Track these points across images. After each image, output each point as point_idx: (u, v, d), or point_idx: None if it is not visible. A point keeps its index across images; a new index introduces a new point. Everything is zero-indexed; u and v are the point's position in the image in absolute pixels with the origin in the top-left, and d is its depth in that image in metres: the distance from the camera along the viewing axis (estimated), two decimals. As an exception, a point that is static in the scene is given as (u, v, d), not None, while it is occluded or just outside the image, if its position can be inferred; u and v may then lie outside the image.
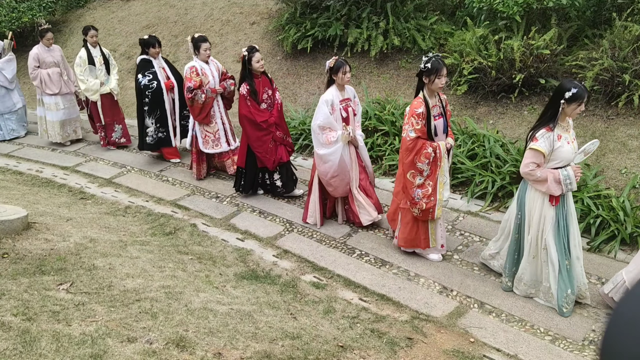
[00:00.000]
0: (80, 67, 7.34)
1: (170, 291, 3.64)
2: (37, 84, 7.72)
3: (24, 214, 4.34)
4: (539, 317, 3.95)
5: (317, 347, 3.29)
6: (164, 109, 6.79)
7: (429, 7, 8.50)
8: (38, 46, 7.72)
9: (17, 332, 2.64)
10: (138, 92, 6.73)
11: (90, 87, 7.36)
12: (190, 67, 6.06)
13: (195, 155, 6.39)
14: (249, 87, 5.49)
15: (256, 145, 5.58)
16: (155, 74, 6.71)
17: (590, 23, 7.02)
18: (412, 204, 4.45)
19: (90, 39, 7.40)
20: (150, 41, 6.73)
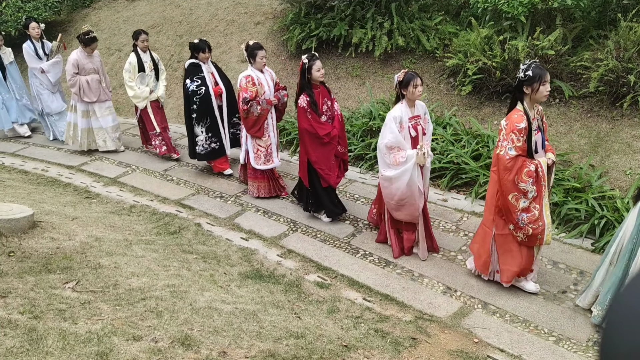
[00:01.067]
0: (129, 73, 6.96)
1: (175, 290, 3.66)
2: (75, 91, 7.28)
3: (29, 212, 4.36)
4: (543, 318, 3.95)
5: (321, 347, 3.30)
6: (214, 116, 6.35)
7: (434, 7, 8.49)
8: (78, 51, 7.26)
9: (24, 330, 2.66)
10: (185, 98, 6.34)
11: (138, 94, 7.00)
12: (245, 76, 5.61)
13: (251, 170, 5.93)
14: (309, 98, 5.00)
15: (318, 161, 5.09)
16: (204, 79, 6.28)
17: (595, 24, 7.01)
18: (517, 228, 3.97)
19: (140, 43, 6.98)
20: (200, 45, 6.33)
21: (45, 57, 7.97)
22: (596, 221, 4.88)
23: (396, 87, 4.48)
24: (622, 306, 0.69)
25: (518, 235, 3.99)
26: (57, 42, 7.98)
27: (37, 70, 7.90)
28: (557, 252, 4.68)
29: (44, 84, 7.99)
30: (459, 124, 6.66)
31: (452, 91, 7.43)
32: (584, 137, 6.06)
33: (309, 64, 4.97)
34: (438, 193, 5.86)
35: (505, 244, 4.09)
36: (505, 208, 3.97)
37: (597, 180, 5.35)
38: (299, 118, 5.09)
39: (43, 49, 7.98)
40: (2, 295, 3.05)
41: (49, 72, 7.93)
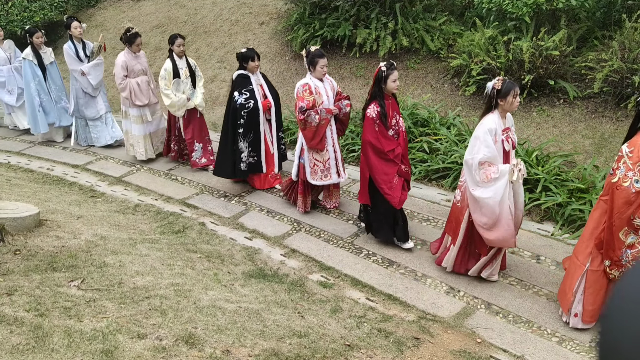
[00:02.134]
0: (165, 80, 6.52)
1: (179, 289, 3.69)
2: (125, 95, 6.85)
3: (35, 211, 4.40)
4: (546, 319, 3.95)
5: (324, 346, 3.31)
6: (258, 130, 5.92)
7: (438, 7, 8.50)
8: (124, 53, 6.84)
9: (30, 328, 2.69)
10: (232, 112, 5.82)
11: (175, 102, 6.54)
12: (302, 84, 5.23)
13: (302, 186, 5.51)
14: (380, 109, 4.56)
15: (380, 179, 4.65)
16: (253, 92, 5.83)
17: (600, 24, 7.00)
18: (616, 265, 3.57)
19: (177, 48, 6.53)
20: (249, 54, 5.84)
21: (87, 58, 7.60)
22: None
23: (492, 98, 3.97)
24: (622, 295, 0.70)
25: (612, 273, 3.61)
26: (98, 42, 7.59)
27: (78, 73, 7.52)
28: (560, 253, 4.68)
29: (85, 87, 7.62)
30: (463, 124, 6.67)
31: (456, 91, 7.43)
32: (589, 137, 6.06)
33: (386, 73, 4.54)
34: (442, 193, 5.87)
35: (597, 282, 3.69)
36: (609, 243, 3.53)
37: (601, 181, 5.34)
38: (365, 129, 4.64)
39: (84, 50, 7.61)
40: (8, 293, 3.08)
41: (90, 75, 7.55)
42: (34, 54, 7.86)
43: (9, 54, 8.46)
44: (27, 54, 7.83)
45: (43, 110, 8.01)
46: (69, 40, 7.54)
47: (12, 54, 8.51)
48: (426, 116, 6.84)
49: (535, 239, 4.96)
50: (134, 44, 6.81)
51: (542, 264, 4.57)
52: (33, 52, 7.84)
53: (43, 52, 7.93)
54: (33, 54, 7.85)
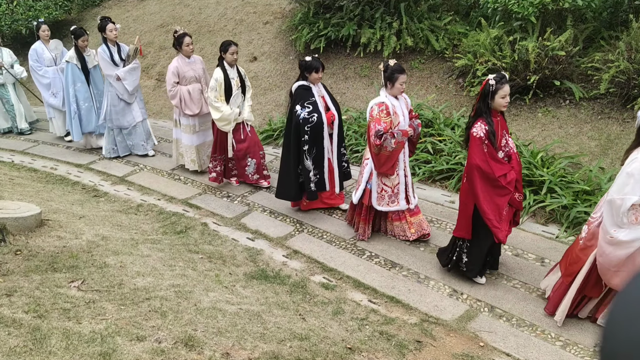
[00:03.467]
0: (215, 91, 5.88)
1: (180, 290, 3.66)
2: (175, 103, 6.36)
3: (37, 211, 4.39)
4: (550, 322, 3.90)
5: (326, 349, 3.28)
6: (322, 146, 5.30)
7: (443, 7, 8.45)
8: (177, 58, 6.33)
9: (28, 329, 2.67)
10: (295, 128, 5.22)
11: (226, 115, 5.89)
12: (378, 104, 4.65)
13: (365, 211, 5.01)
14: (488, 127, 3.97)
15: (488, 209, 4.01)
16: (316, 104, 5.23)
17: (607, 24, 6.93)
18: None
19: (229, 56, 5.84)
20: (314, 64, 5.21)
21: (122, 62, 7.11)
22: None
23: None
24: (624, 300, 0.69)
25: None
26: (134, 45, 7.08)
27: (113, 78, 7.04)
28: (565, 255, 4.62)
29: (120, 93, 7.12)
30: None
31: (460, 92, 7.39)
32: (594, 139, 6.00)
33: (495, 87, 3.94)
34: (445, 194, 5.83)
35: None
36: None
37: (607, 183, 5.29)
38: (471, 151, 4.02)
39: (119, 53, 7.11)
40: (7, 294, 3.06)
41: (126, 80, 7.07)
42: (77, 57, 7.38)
43: (54, 55, 8.14)
44: (71, 57, 7.36)
45: (79, 117, 7.54)
46: (103, 44, 7.06)
47: (59, 55, 8.16)
48: (430, 117, 6.80)
49: (540, 241, 4.91)
50: (183, 44, 6.24)
51: (547, 267, 4.52)
52: (77, 54, 7.37)
53: (87, 54, 7.48)
54: (77, 56, 7.37)
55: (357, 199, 5.01)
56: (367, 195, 4.92)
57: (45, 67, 8.10)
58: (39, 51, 8.11)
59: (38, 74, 8.12)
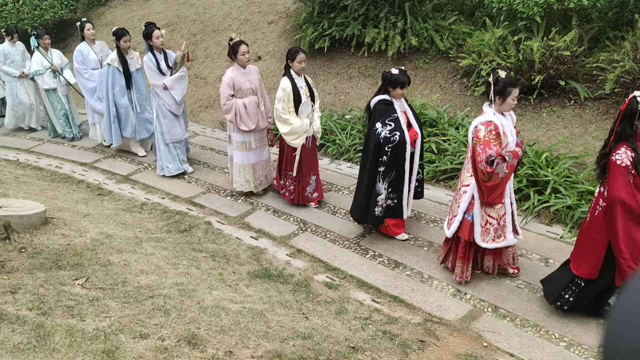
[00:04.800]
0: (283, 102, 5.32)
1: (183, 288, 3.67)
2: (230, 118, 5.69)
3: (42, 209, 4.40)
4: (554, 323, 3.89)
5: (329, 348, 3.28)
6: (402, 168, 4.72)
7: (448, 7, 8.43)
8: (233, 69, 5.66)
9: (32, 327, 2.68)
10: (375, 148, 4.68)
11: (297, 128, 5.33)
12: (485, 123, 3.93)
13: (463, 248, 4.30)
14: (634, 154, 3.38)
15: (626, 248, 3.45)
16: (398, 122, 4.66)
17: (612, 24, 6.91)
18: None
19: (297, 64, 5.33)
20: (400, 79, 4.62)
21: (169, 70, 6.50)
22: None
23: None
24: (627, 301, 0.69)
25: None
26: (181, 52, 6.48)
27: (160, 88, 6.41)
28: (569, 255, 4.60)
29: (167, 104, 6.49)
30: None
31: (465, 92, 7.37)
32: (600, 139, 5.97)
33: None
34: (449, 194, 5.81)
35: None
36: None
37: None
38: (614, 182, 3.43)
39: (166, 61, 6.52)
40: (11, 291, 3.08)
41: (173, 89, 6.44)
42: (119, 60, 6.94)
43: (100, 57, 7.62)
44: (113, 60, 6.93)
45: (119, 121, 7.17)
46: (149, 51, 6.45)
47: (104, 57, 7.62)
48: (435, 116, 6.79)
49: (544, 241, 4.89)
50: (239, 53, 5.57)
51: (551, 267, 4.50)
52: (119, 57, 6.93)
53: (130, 57, 7.03)
54: (119, 59, 6.94)
55: (451, 232, 4.28)
56: (465, 228, 4.18)
57: (90, 70, 7.55)
58: (84, 52, 7.51)
59: (83, 77, 7.55)
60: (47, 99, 8.21)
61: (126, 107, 7.12)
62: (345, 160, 6.84)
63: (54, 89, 8.14)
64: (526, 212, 5.25)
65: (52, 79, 8.10)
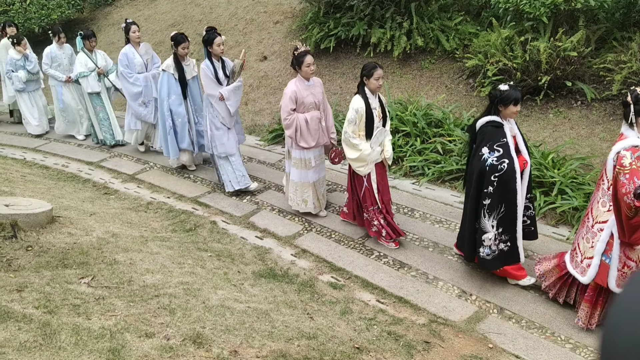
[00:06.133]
0: (353, 125, 4.71)
1: (188, 288, 3.68)
2: (290, 133, 5.21)
3: (48, 207, 4.42)
4: (560, 325, 3.87)
5: (333, 348, 3.28)
6: (514, 202, 4.05)
7: (454, 7, 8.42)
8: (295, 81, 5.20)
9: (38, 325, 2.69)
10: (479, 176, 4.06)
11: (366, 155, 4.72)
12: (630, 148, 3.40)
13: (592, 292, 3.78)
14: None
15: None
16: (507, 147, 4.02)
17: (619, 25, 6.87)
18: None
19: (374, 82, 4.67)
20: (512, 95, 3.97)
21: (226, 80, 5.99)
22: (617, 227, 4.78)
23: None
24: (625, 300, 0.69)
25: None
26: (239, 60, 5.97)
27: (215, 98, 5.88)
28: (575, 257, 4.58)
29: (221, 116, 5.96)
30: (478, 125, 6.58)
31: (471, 92, 7.35)
32: (606, 140, 5.94)
33: None
34: (455, 195, 5.80)
35: None
36: None
37: (619, 185, 5.24)
38: None
39: (224, 69, 5.99)
40: (18, 289, 3.09)
41: (229, 100, 5.91)
42: (175, 67, 6.40)
43: (145, 60, 7.22)
44: (168, 66, 6.39)
45: (175, 132, 6.63)
46: (206, 59, 5.93)
47: (150, 60, 7.29)
48: (440, 117, 6.77)
49: (551, 243, 4.87)
50: (304, 64, 5.10)
51: (557, 269, 4.48)
52: (175, 63, 6.39)
53: (186, 64, 6.50)
54: (175, 66, 6.39)
55: (589, 278, 3.72)
56: (603, 272, 3.65)
57: (136, 74, 7.11)
58: (129, 56, 7.07)
59: (128, 81, 7.10)
60: (90, 103, 7.88)
61: (183, 116, 6.57)
62: (351, 161, 6.83)
63: (98, 93, 7.80)
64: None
65: (97, 82, 7.75)
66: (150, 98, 7.18)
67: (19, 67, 8.27)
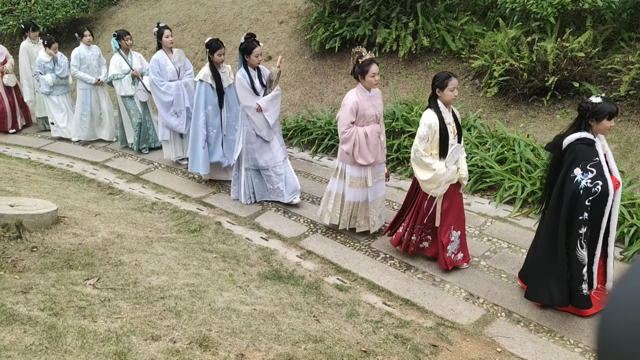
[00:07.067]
0: (426, 142, 4.24)
1: (194, 289, 3.65)
2: (348, 149, 4.73)
3: (53, 208, 4.41)
4: (569, 328, 3.84)
5: (340, 352, 3.25)
6: (598, 227, 3.76)
7: (460, 7, 8.37)
8: (357, 91, 4.71)
9: (44, 327, 2.67)
10: (571, 201, 3.69)
11: (439, 176, 4.23)
12: None
13: None
14: None
15: None
16: (601, 167, 3.69)
17: (627, 26, 6.82)
18: None
19: (449, 93, 4.25)
20: (606, 108, 3.65)
21: (263, 89, 5.62)
22: (625, 229, 4.74)
23: None
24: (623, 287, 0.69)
25: None
26: (277, 67, 5.61)
27: (252, 109, 5.50)
28: (584, 260, 4.54)
29: (258, 128, 5.54)
30: (484, 126, 6.55)
31: (477, 93, 7.31)
32: (614, 142, 5.89)
33: None
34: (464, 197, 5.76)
35: None
36: None
37: (627, 187, 5.20)
38: None
39: (260, 78, 5.61)
40: (23, 291, 3.07)
41: (267, 111, 5.53)
42: (212, 76, 5.96)
43: (178, 67, 6.77)
44: (206, 75, 5.94)
45: (208, 145, 6.14)
46: (242, 67, 5.55)
47: (182, 67, 6.84)
48: (446, 118, 6.73)
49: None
50: (368, 74, 4.60)
51: (565, 272, 4.44)
52: (212, 72, 5.96)
53: (222, 71, 6.07)
54: (212, 75, 5.95)
55: None
56: None
57: (167, 82, 6.66)
58: (161, 62, 6.65)
59: (160, 89, 6.64)
60: (123, 106, 7.47)
61: (217, 127, 6.15)
62: (356, 161, 6.80)
63: (131, 96, 7.39)
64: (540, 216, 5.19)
65: (131, 85, 7.32)
66: (182, 108, 6.73)
67: (48, 71, 8.02)
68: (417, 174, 4.37)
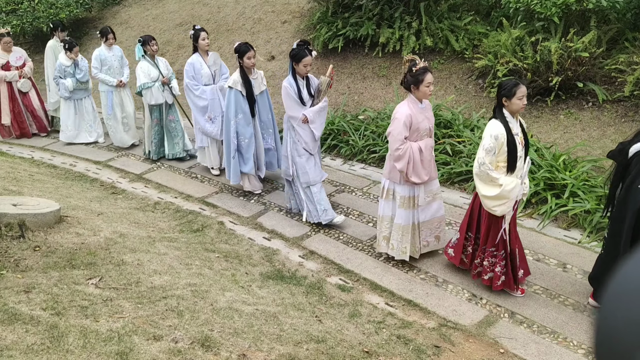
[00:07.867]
0: (492, 155, 3.85)
1: (196, 289, 3.65)
2: (402, 166, 4.28)
3: (56, 207, 4.41)
4: (572, 330, 3.82)
5: (342, 352, 3.24)
6: None
7: (464, 7, 8.35)
8: (408, 102, 4.29)
9: (46, 327, 2.67)
10: (637, 214, 3.47)
11: (507, 192, 3.87)
12: None
13: None
14: None
15: None
16: None
17: (631, 26, 6.79)
18: None
19: (518, 102, 3.85)
20: None
21: (310, 99, 5.27)
22: (630, 230, 4.71)
23: None
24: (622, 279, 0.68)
25: None
26: (326, 77, 5.23)
27: (298, 120, 5.15)
28: (588, 261, 4.52)
29: (304, 141, 5.20)
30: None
31: (480, 93, 7.29)
32: (618, 142, 5.87)
33: None
34: (464, 197, 5.74)
35: None
36: None
37: None
38: None
39: (308, 88, 5.26)
40: (25, 290, 3.07)
41: (314, 123, 5.18)
42: (243, 82, 5.65)
43: (213, 71, 6.48)
44: (235, 82, 5.63)
45: (241, 154, 5.84)
46: (290, 76, 5.21)
47: (218, 71, 6.53)
48: (449, 118, 6.71)
49: (562, 246, 4.81)
50: (423, 83, 4.18)
51: (569, 273, 4.43)
52: (242, 78, 5.65)
53: (254, 77, 5.78)
54: (242, 81, 5.65)
55: None
56: None
57: (202, 87, 6.39)
58: (196, 66, 6.36)
59: (194, 94, 6.37)
60: (148, 115, 7.07)
61: (250, 136, 5.79)
62: (359, 162, 6.79)
63: (160, 105, 7.00)
64: (543, 216, 5.17)
65: (161, 93, 6.89)
66: (218, 113, 6.37)
67: (68, 75, 7.71)
68: (481, 190, 3.95)
